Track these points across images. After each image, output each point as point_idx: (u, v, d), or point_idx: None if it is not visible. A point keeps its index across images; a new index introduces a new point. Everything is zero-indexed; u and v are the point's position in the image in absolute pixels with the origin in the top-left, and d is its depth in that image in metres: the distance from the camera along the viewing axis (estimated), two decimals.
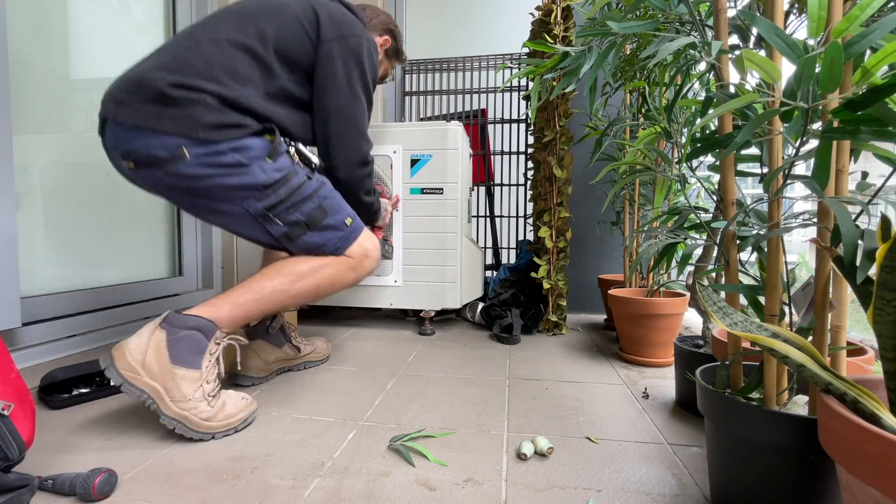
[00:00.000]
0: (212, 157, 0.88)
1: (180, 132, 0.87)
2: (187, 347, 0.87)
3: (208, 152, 0.88)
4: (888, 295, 0.44)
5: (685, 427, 0.93)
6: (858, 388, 0.46)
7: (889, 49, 0.47)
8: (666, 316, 1.31)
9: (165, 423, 0.83)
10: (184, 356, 0.86)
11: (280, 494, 0.69)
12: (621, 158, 1.58)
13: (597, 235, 2.15)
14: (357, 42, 1.04)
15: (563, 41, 1.62)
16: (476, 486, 0.71)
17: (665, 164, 0.93)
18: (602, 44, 0.86)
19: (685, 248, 0.82)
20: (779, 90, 0.54)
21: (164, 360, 0.84)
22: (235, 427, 0.88)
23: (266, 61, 0.97)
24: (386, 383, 1.17)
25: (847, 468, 0.43)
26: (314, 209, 0.97)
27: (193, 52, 0.92)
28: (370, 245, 1.07)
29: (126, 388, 0.82)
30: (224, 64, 0.92)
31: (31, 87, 1.21)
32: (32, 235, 1.21)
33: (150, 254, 1.60)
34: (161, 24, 1.64)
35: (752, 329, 0.55)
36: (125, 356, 0.84)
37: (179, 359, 0.85)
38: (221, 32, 0.95)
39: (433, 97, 2.41)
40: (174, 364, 0.85)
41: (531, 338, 1.65)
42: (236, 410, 0.89)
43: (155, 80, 0.87)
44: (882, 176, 0.54)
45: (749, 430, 0.58)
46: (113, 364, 0.83)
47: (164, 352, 0.85)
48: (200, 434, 0.85)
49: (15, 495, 0.63)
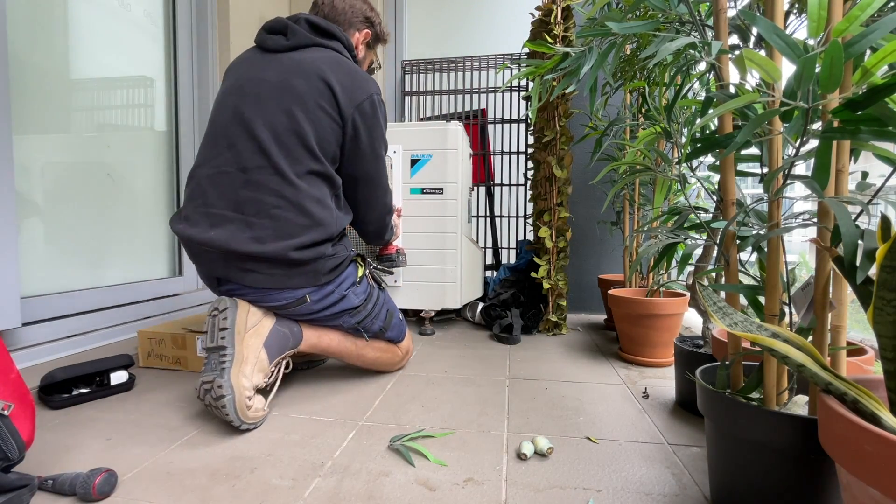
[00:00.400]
0: (325, 298, 1.04)
1: (307, 284, 1.01)
2: (278, 342, 1.00)
3: (323, 295, 1.03)
4: (888, 295, 0.44)
5: (685, 427, 0.93)
6: (858, 388, 0.46)
7: (889, 49, 0.47)
8: (666, 316, 1.31)
9: (223, 384, 0.87)
10: (273, 348, 0.99)
11: (280, 494, 0.69)
12: (621, 158, 1.58)
13: (597, 235, 2.15)
14: (370, 104, 1.07)
15: (563, 41, 1.62)
16: (476, 486, 0.71)
17: (665, 164, 0.93)
18: (602, 44, 0.86)
19: (685, 248, 0.82)
20: (779, 90, 0.54)
21: (260, 339, 0.97)
22: (255, 424, 0.92)
23: (328, 174, 1.04)
24: (386, 383, 1.17)
25: (847, 468, 0.43)
26: (385, 315, 1.17)
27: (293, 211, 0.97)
28: (410, 345, 1.28)
29: (227, 335, 0.92)
30: (317, 203, 1.00)
31: (31, 87, 1.21)
32: (32, 235, 1.21)
33: (150, 254, 1.60)
34: (161, 24, 1.64)
35: (752, 329, 0.55)
36: (244, 315, 0.97)
37: (270, 348, 0.98)
38: (294, 166, 0.99)
39: (433, 97, 2.41)
40: (265, 347, 0.97)
41: (531, 338, 1.65)
42: (261, 407, 0.93)
43: (279, 251, 0.95)
44: (882, 176, 0.54)
45: (749, 430, 0.58)
46: (235, 308, 0.96)
47: (266, 333, 0.98)
48: (236, 417, 0.87)
49: (15, 495, 0.63)
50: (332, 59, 1.06)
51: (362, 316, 1.11)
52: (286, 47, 1.06)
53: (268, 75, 1.02)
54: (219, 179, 0.99)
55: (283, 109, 0.99)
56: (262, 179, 0.97)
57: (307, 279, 1.00)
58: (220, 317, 0.94)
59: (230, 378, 0.88)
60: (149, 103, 1.59)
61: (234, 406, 0.87)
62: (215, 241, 0.95)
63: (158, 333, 1.28)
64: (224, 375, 0.88)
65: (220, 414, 0.88)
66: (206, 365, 0.92)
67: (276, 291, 0.99)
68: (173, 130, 1.69)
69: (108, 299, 1.39)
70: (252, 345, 0.95)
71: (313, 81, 1.01)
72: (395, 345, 1.22)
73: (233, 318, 0.95)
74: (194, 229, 0.98)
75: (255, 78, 1.03)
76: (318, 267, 1.01)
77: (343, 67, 1.06)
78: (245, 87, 1.02)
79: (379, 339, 1.18)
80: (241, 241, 0.95)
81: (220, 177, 0.99)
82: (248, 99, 1.01)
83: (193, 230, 0.98)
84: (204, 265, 1.02)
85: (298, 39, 1.06)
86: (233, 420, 0.87)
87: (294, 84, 1.00)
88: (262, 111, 0.99)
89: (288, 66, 1.02)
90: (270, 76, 1.02)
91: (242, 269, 0.97)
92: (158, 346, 1.28)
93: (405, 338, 1.25)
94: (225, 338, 0.92)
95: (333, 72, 1.03)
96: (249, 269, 0.97)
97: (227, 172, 0.99)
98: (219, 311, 0.95)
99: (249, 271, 0.97)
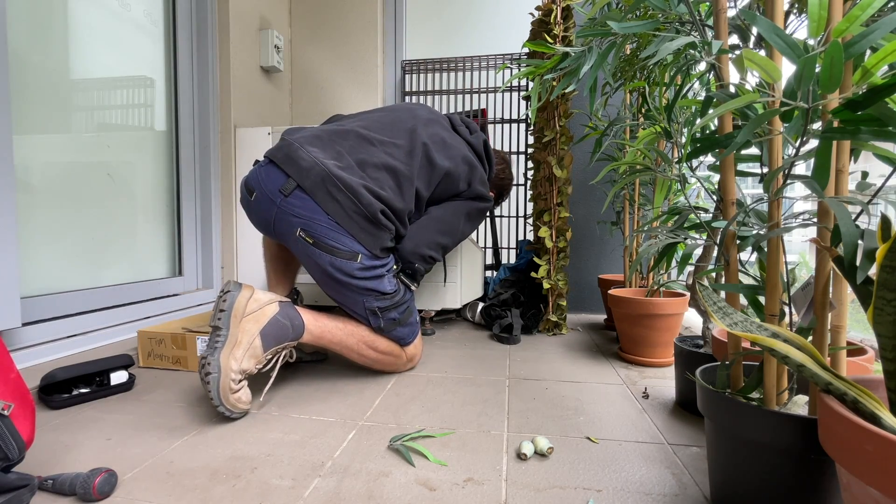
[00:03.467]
0: (369, 269, 1.10)
1: (367, 245, 1.09)
2: (276, 332, 1.02)
3: (370, 265, 1.10)
4: (888, 295, 0.44)
5: (685, 427, 0.93)
6: (858, 388, 0.46)
7: (889, 49, 0.47)
8: (666, 316, 1.31)
9: (211, 362, 0.92)
10: (270, 336, 1.01)
11: (280, 494, 0.69)
12: (621, 158, 1.58)
13: (597, 235, 2.15)
14: (483, 206, 1.35)
15: (563, 41, 1.62)
16: (476, 486, 0.71)
17: (665, 164, 0.93)
18: (602, 44, 0.86)
19: (685, 248, 0.82)
20: (779, 90, 0.54)
21: (258, 326, 0.99)
22: (242, 413, 0.95)
23: (422, 206, 1.24)
24: (386, 383, 1.17)
25: (847, 468, 0.43)
26: (405, 310, 1.21)
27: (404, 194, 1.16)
28: (418, 351, 1.29)
29: (224, 317, 0.96)
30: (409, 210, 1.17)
31: (31, 87, 1.21)
32: (32, 235, 1.21)
33: (150, 254, 1.60)
34: (161, 24, 1.64)
35: (752, 329, 0.55)
36: (247, 298, 1.00)
37: (265, 335, 1.00)
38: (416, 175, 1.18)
39: (433, 97, 2.41)
40: (260, 334, 0.99)
41: (531, 338, 1.65)
42: (246, 400, 0.96)
43: (373, 204, 1.08)
44: (882, 176, 0.54)
45: (749, 430, 0.58)
46: (238, 291, 1.00)
47: (265, 321, 1.00)
48: (217, 399, 0.91)
49: (15, 495, 0.63)
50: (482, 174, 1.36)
51: (387, 303, 1.15)
52: (467, 140, 1.36)
53: (446, 138, 1.28)
54: (365, 141, 1.16)
55: (440, 159, 1.23)
56: (396, 166, 1.15)
57: (371, 241, 1.09)
58: (222, 298, 0.98)
59: (219, 358, 0.92)
60: (149, 103, 1.59)
61: (217, 385, 0.91)
62: (330, 167, 1.07)
63: (158, 333, 1.28)
64: (214, 354, 0.93)
65: (206, 390, 0.92)
66: (207, 341, 0.97)
67: (343, 233, 1.06)
68: (173, 130, 1.69)
69: (108, 299, 1.39)
70: (248, 330, 0.98)
71: (465, 165, 1.30)
72: (402, 347, 1.22)
73: (232, 300, 0.98)
74: (318, 149, 1.10)
75: (437, 129, 1.28)
76: (383, 237, 1.11)
77: (484, 180, 1.37)
78: (427, 126, 1.26)
79: (389, 332, 1.18)
80: (352, 180, 1.07)
81: (367, 141, 1.16)
82: (425, 132, 1.24)
83: (316, 149, 1.10)
84: (295, 170, 1.07)
85: (476, 143, 1.37)
86: (213, 398, 0.91)
87: (457, 162, 1.27)
88: (428, 138, 1.23)
89: (461, 149, 1.30)
90: (448, 140, 1.28)
91: (333, 196, 1.05)
92: (158, 346, 1.28)
93: (413, 343, 1.25)
94: (221, 319, 0.96)
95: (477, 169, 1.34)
96: (338, 200, 1.05)
97: (374, 142, 1.17)
98: (223, 293, 0.99)
99: (337, 201, 1.05)
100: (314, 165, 1.06)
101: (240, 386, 0.94)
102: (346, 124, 1.21)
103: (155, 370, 1.27)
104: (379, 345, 1.18)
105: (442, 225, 1.26)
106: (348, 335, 1.14)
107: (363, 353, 1.16)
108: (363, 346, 1.16)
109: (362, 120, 1.24)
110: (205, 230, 1.76)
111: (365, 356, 1.17)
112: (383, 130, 1.20)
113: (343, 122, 1.26)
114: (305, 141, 1.11)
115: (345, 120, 1.29)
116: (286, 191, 1.06)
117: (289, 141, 1.12)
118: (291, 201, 1.06)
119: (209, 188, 1.76)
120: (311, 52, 2.29)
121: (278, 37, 2.05)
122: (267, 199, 1.08)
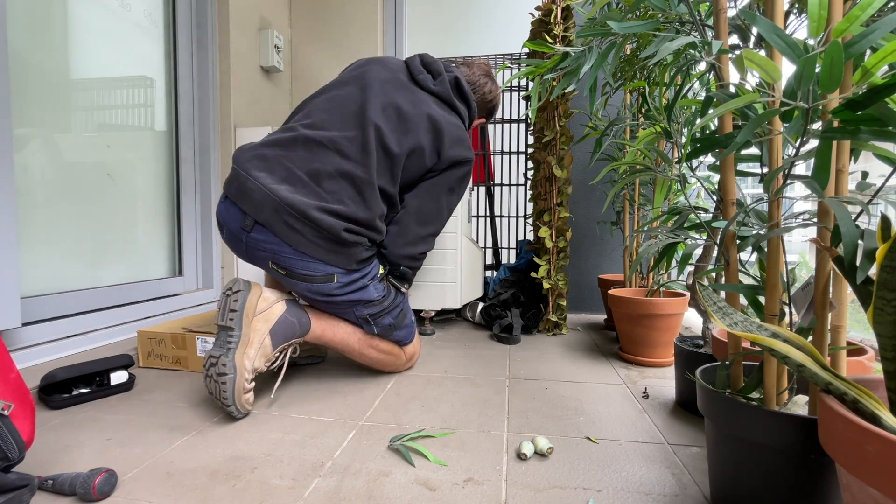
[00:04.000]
0: (349, 284, 1.07)
1: (339, 265, 1.04)
2: (285, 330, 1.02)
3: (349, 280, 1.06)
4: (888, 295, 0.44)
5: (685, 427, 0.93)
6: (858, 388, 0.46)
7: (889, 49, 0.47)
8: (666, 316, 1.31)
9: (226, 362, 0.92)
10: (279, 335, 1.01)
11: (280, 494, 0.69)
12: (621, 158, 1.58)
13: (597, 235, 2.15)
14: (463, 172, 1.20)
15: (562, 41, 1.62)
16: (476, 486, 0.71)
17: (665, 164, 0.93)
18: (602, 44, 0.86)
19: (685, 248, 0.82)
20: (779, 90, 0.54)
21: (268, 325, 1.00)
22: (247, 413, 0.97)
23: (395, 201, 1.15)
24: (386, 383, 1.17)
25: (847, 468, 0.43)
26: (399, 313, 1.18)
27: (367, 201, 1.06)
28: (416, 350, 1.28)
29: (237, 317, 0.96)
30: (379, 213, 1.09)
31: (31, 87, 1.21)
32: (32, 235, 1.21)
33: (150, 254, 1.60)
34: (161, 24, 1.64)
35: (752, 329, 0.55)
36: (257, 297, 1.00)
37: (275, 334, 1.00)
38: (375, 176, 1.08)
39: None
40: (270, 333, 0.99)
41: (531, 338, 1.65)
42: (252, 401, 0.97)
43: (334, 226, 1.00)
44: (882, 176, 0.54)
45: (749, 430, 0.58)
46: (248, 290, 0.99)
47: (274, 319, 1.01)
48: (231, 399, 0.91)
49: (15, 495, 0.63)
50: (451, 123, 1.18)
51: (377, 309, 1.13)
52: (428, 90, 1.20)
53: (401, 101, 1.14)
54: (315, 148, 1.06)
55: (396, 136, 1.11)
56: (352, 171, 1.06)
57: (342, 260, 1.04)
58: (232, 298, 0.98)
59: (234, 358, 0.93)
60: (149, 103, 1.59)
61: (233, 385, 0.91)
62: (280, 194, 0.99)
63: (158, 333, 1.28)
64: (229, 355, 0.93)
65: (217, 390, 0.92)
66: (216, 339, 0.97)
67: (311, 260, 1.02)
68: (173, 130, 1.69)
69: (108, 299, 1.39)
70: (259, 329, 0.98)
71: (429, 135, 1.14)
72: (401, 347, 1.22)
73: (243, 300, 0.98)
74: (266, 173, 1.02)
75: (391, 93, 1.14)
76: (355, 253, 1.06)
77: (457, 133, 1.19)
78: (377, 93, 1.13)
79: (386, 337, 1.18)
80: (306, 203, 1.00)
81: (317, 146, 1.06)
82: (376, 103, 1.11)
83: (263, 173, 1.02)
84: (249, 204, 1.01)
85: (441, 91, 1.21)
86: (227, 398, 0.91)
87: (415, 125, 1.13)
88: (382, 121, 1.10)
89: (419, 107, 1.15)
90: (403, 104, 1.14)
91: (291, 226, 0.99)
92: (158, 346, 1.28)
93: (412, 342, 1.24)
94: (234, 319, 0.96)
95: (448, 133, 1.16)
96: (297, 230, 1.00)
97: (326, 147, 1.07)
98: (232, 292, 0.98)
99: (296, 231, 1.00)
100: (265, 197, 0.99)
101: (251, 386, 0.95)
102: (294, 124, 1.11)
103: (155, 370, 1.27)
104: (380, 344, 1.18)
105: (421, 216, 1.18)
106: (350, 334, 1.14)
107: (365, 352, 1.16)
108: (365, 345, 1.16)
109: (310, 113, 1.13)
110: (205, 230, 1.76)
111: (366, 356, 1.17)
112: (332, 123, 1.10)
113: (293, 119, 1.16)
114: (252, 166, 1.03)
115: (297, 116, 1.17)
116: (247, 227, 1.02)
117: (237, 170, 1.04)
118: (254, 237, 1.03)
119: (209, 188, 1.76)
120: (311, 52, 2.29)
121: (278, 37, 2.05)
122: (234, 237, 1.06)
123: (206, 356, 0.96)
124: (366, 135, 1.08)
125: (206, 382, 0.96)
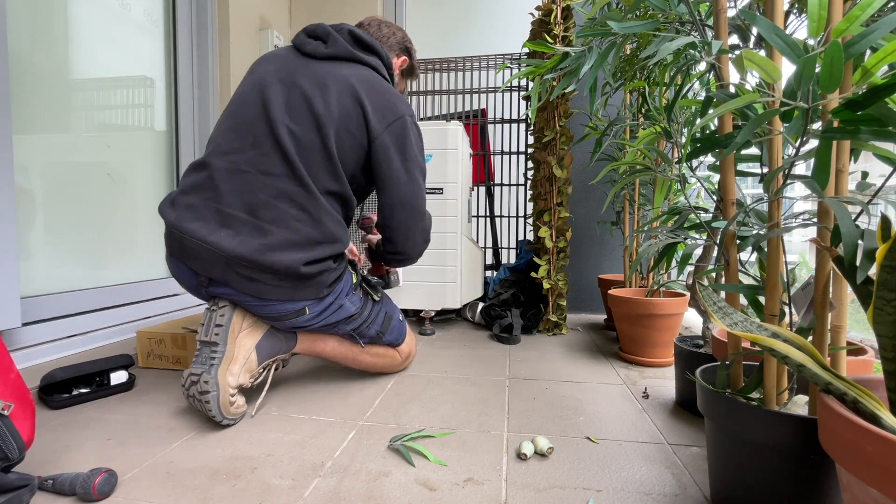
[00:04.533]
0: (323, 311, 1.02)
1: (308, 297, 0.98)
2: (270, 346, 1.01)
3: (322, 307, 1.01)
4: (888, 295, 0.44)
5: (685, 427, 0.93)
6: (858, 388, 0.46)
7: (889, 49, 0.47)
8: (666, 316, 1.31)
9: (208, 380, 0.88)
10: (264, 350, 1.00)
11: (280, 494, 0.69)
12: (621, 158, 1.58)
13: (597, 235, 2.15)
14: (402, 124, 1.05)
15: (563, 41, 1.62)
16: (476, 486, 0.71)
17: (665, 164, 0.93)
18: (602, 44, 0.86)
19: (685, 248, 0.82)
20: (779, 90, 0.54)
21: (253, 341, 0.98)
22: (241, 416, 0.95)
23: (346, 195, 1.03)
24: (386, 383, 1.17)
25: (847, 468, 0.43)
26: (383, 319, 1.15)
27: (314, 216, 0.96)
28: (411, 347, 1.26)
29: (222, 332, 0.93)
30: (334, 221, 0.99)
31: (31, 87, 1.21)
32: (32, 235, 1.21)
33: (150, 254, 1.60)
34: (161, 24, 1.64)
35: (752, 329, 0.55)
36: (241, 314, 0.97)
37: (261, 349, 0.99)
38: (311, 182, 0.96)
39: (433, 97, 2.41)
40: (256, 348, 0.98)
41: (531, 338, 1.65)
42: (242, 404, 0.95)
43: (291, 265, 0.91)
44: (882, 176, 0.54)
45: (749, 430, 0.58)
46: (233, 306, 0.96)
47: (259, 336, 0.99)
48: (220, 415, 0.89)
49: (15, 495, 0.63)
50: (367, 79, 1.04)
51: (358, 323, 1.09)
52: (324, 55, 1.04)
53: (301, 82, 1.00)
54: (237, 177, 0.95)
55: (312, 123, 0.97)
56: (285, 188, 0.95)
57: (310, 292, 0.97)
58: (219, 312, 0.95)
59: (217, 375, 0.90)
60: (149, 103, 1.59)
61: (217, 403, 0.89)
62: (224, 246, 0.89)
63: (158, 333, 1.28)
64: (212, 372, 0.90)
65: (201, 408, 0.89)
66: (196, 356, 0.93)
67: (277, 302, 0.95)
68: (173, 130, 1.69)
69: (108, 299, 1.39)
70: (244, 345, 0.96)
71: (345, 100, 1.00)
72: (395, 348, 1.20)
73: (230, 315, 0.95)
74: (199, 224, 0.92)
75: (288, 81, 1.00)
76: (322, 280, 0.98)
77: (377, 87, 1.04)
78: (275, 88, 1.00)
79: (376, 343, 1.16)
80: (253, 248, 0.90)
81: (238, 175, 0.95)
82: (277, 101, 0.98)
83: (197, 224, 0.91)
84: (197, 263, 0.93)
85: (338, 50, 1.05)
86: (215, 415, 0.89)
87: (326, 100, 0.99)
88: (291, 119, 0.97)
89: (322, 78, 1.01)
90: (304, 84, 1.00)
91: (246, 277, 0.92)
92: (158, 346, 1.28)
93: (405, 341, 1.22)
94: (219, 335, 0.93)
95: (367, 92, 1.02)
96: (254, 279, 0.92)
97: (247, 172, 0.95)
98: (218, 307, 0.95)
99: (253, 280, 0.92)
100: (210, 254, 0.90)
101: (236, 398, 0.93)
102: (206, 158, 0.98)
103: (155, 370, 1.27)
104: (373, 348, 1.16)
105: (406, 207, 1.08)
106: (340, 343, 1.12)
107: (359, 358, 1.15)
108: (357, 352, 1.14)
109: (217, 139, 1.00)
110: None
111: (361, 361, 1.16)
112: (242, 142, 0.97)
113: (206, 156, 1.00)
114: (183, 219, 0.93)
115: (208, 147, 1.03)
116: (203, 283, 0.96)
117: (169, 228, 0.95)
118: (214, 289, 0.96)
119: None
120: None
121: (278, 37, 2.05)
122: (193, 290, 1.01)
123: (185, 375, 0.91)
124: (280, 142, 0.95)
125: (189, 402, 0.92)
